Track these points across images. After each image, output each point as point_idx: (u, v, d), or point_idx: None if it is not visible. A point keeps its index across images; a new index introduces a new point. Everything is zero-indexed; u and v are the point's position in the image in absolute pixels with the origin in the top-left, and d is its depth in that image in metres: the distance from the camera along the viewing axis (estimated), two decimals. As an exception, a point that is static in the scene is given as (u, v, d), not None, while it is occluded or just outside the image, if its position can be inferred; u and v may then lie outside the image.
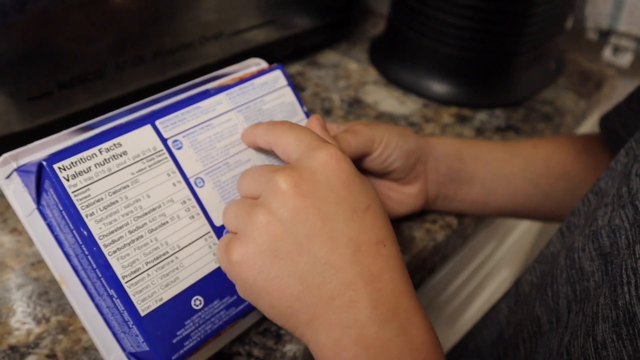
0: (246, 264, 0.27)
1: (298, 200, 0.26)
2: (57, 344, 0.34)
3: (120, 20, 0.43)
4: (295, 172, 0.27)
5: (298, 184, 0.27)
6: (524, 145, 0.47)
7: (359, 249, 0.26)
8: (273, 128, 0.31)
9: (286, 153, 0.30)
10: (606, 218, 0.31)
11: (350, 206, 0.27)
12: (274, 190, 0.27)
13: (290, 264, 0.26)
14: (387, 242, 0.27)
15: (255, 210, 0.27)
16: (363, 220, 0.27)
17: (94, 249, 0.28)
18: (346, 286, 0.26)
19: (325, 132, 0.33)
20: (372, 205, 0.28)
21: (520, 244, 0.84)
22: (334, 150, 0.28)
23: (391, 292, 0.26)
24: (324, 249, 0.26)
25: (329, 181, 0.27)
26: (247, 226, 0.27)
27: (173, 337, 0.29)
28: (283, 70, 0.38)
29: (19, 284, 0.38)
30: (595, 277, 0.30)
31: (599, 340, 0.26)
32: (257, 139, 0.33)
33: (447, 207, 0.45)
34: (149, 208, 0.30)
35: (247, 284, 0.27)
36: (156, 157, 0.31)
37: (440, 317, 0.68)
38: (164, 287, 0.29)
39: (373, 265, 0.26)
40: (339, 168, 0.28)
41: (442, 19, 0.57)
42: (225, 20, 0.51)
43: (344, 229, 0.27)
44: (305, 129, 0.30)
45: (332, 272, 0.26)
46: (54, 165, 0.28)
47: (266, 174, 0.28)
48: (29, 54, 0.40)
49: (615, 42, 0.74)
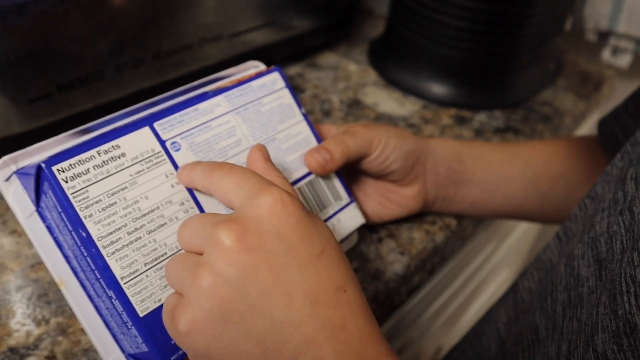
0: (195, 334, 0.24)
1: (245, 256, 0.24)
2: (57, 346, 0.34)
3: (119, 22, 0.43)
4: (238, 224, 0.25)
5: (243, 237, 0.24)
6: (524, 147, 0.47)
7: (318, 300, 0.24)
8: (209, 172, 0.29)
9: (227, 200, 0.27)
10: (604, 224, 0.30)
11: (303, 254, 0.25)
12: (218, 247, 0.24)
13: (245, 328, 0.24)
14: (347, 286, 0.25)
15: (199, 271, 0.24)
16: (318, 267, 0.25)
17: (93, 250, 0.28)
18: (308, 343, 0.24)
19: (269, 165, 0.30)
20: (327, 248, 0.26)
21: (519, 246, 0.84)
22: (279, 193, 0.25)
23: (357, 341, 0.24)
24: (279, 306, 0.24)
25: (277, 229, 0.25)
26: (191, 289, 0.24)
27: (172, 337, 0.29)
28: (281, 72, 0.38)
29: (19, 286, 0.38)
30: (589, 283, 0.30)
31: (599, 351, 0.25)
32: (194, 182, 0.30)
33: (446, 209, 0.45)
34: (147, 209, 0.30)
35: (199, 354, 0.25)
36: (154, 159, 0.31)
37: (439, 319, 0.68)
38: (163, 288, 0.30)
39: (335, 316, 0.24)
40: (286, 213, 0.25)
41: (442, 20, 0.57)
42: (224, 22, 0.51)
43: (299, 280, 0.24)
44: (246, 172, 0.27)
45: (292, 330, 0.24)
46: (52, 167, 0.28)
47: (207, 227, 0.25)
48: (29, 56, 0.40)
49: (615, 43, 0.74)
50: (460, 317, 0.77)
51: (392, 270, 0.42)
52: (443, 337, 0.73)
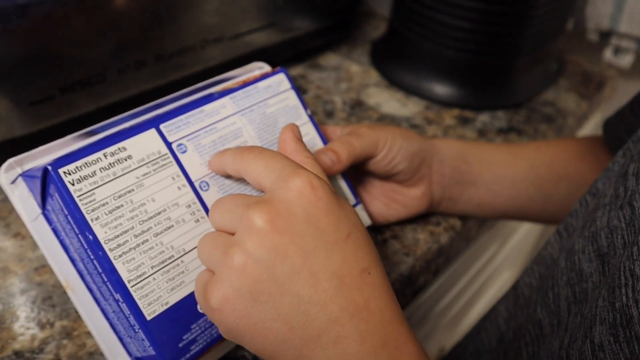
0: (226, 310, 0.25)
1: (275, 237, 0.25)
2: (62, 349, 0.34)
3: (121, 24, 0.43)
4: (270, 206, 0.26)
5: (274, 219, 0.25)
6: (528, 148, 0.47)
7: (343, 282, 0.25)
8: (241, 156, 0.29)
9: (257, 183, 0.28)
10: (604, 219, 0.31)
11: (331, 237, 0.26)
12: (249, 228, 0.25)
13: (273, 307, 0.25)
14: (372, 269, 0.26)
15: (230, 250, 0.25)
16: (345, 250, 0.26)
17: (100, 253, 0.28)
18: (332, 322, 0.25)
19: (300, 145, 0.31)
20: (354, 232, 0.26)
21: (522, 247, 0.84)
22: (309, 176, 0.26)
23: (379, 322, 0.25)
24: (306, 287, 0.25)
25: (307, 212, 0.26)
26: (223, 268, 0.26)
27: (179, 341, 0.29)
28: (286, 74, 0.38)
29: (23, 289, 0.37)
30: (593, 278, 0.30)
31: (596, 343, 0.26)
32: (225, 167, 0.31)
33: (451, 209, 0.45)
34: (154, 212, 0.30)
35: (229, 330, 0.26)
36: (161, 161, 0.31)
37: (443, 319, 0.68)
38: (170, 291, 0.29)
39: (358, 297, 0.25)
40: (316, 197, 0.26)
41: (444, 20, 0.57)
42: (226, 23, 0.51)
43: (326, 262, 0.25)
44: (276, 155, 0.28)
45: (317, 310, 0.25)
46: (59, 170, 0.28)
47: (239, 208, 0.26)
48: (31, 59, 0.40)
49: (616, 43, 0.74)
50: (463, 318, 0.76)
51: (397, 271, 0.42)
52: (446, 337, 0.73)
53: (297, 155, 0.30)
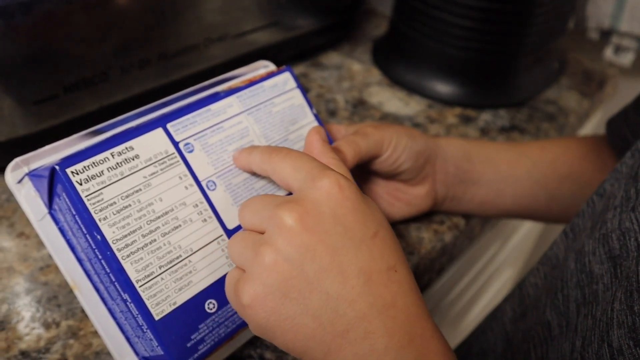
0: (257, 307, 0.26)
1: (305, 236, 0.26)
2: (68, 349, 0.34)
3: (125, 23, 0.43)
4: (299, 205, 0.26)
5: (303, 218, 0.26)
6: (531, 147, 0.47)
7: (370, 279, 0.26)
8: (269, 156, 0.30)
9: (285, 183, 0.29)
10: (616, 221, 0.31)
11: (358, 235, 0.26)
12: (279, 227, 0.26)
13: (302, 303, 0.26)
14: (398, 267, 0.27)
15: (261, 249, 0.26)
16: (372, 248, 0.26)
17: (108, 253, 0.28)
18: (360, 318, 0.25)
19: (327, 147, 0.32)
20: (380, 231, 0.27)
21: (523, 245, 0.84)
22: (336, 177, 0.27)
23: (406, 318, 0.26)
24: (335, 284, 0.25)
25: (335, 212, 0.26)
26: (254, 266, 0.26)
27: (187, 340, 0.29)
28: (292, 73, 0.38)
29: (28, 289, 0.37)
30: (604, 280, 0.30)
31: (614, 347, 0.26)
32: (252, 166, 0.31)
33: (455, 208, 0.45)
34: (161, 212, 0.30)
35: (260, 326, 0.27)
36: (168, 161, 0.31)
37: (446, 318, 0.68)
38: (178, 290, 0.29)
39: (386, 294, 0.26)
40: (343, 196, 0.26)
41: (446, 19, 0.57)
42: (229, 22, 0.51)
43: (354, 260, 0.26)
44: (303, 156, 0.29)
45: (345, 306, 0.25)
46: (66, 170, 0.28)
47: (269, 207, 0.27)
48: (35, 58, 0.39)
49: (617, 41, 0.74)
50: (466, 316, 0.77)
51: (402, 270, 0.42)
52: (449, 336, 0.73)
53: (323, 157, 0.31)
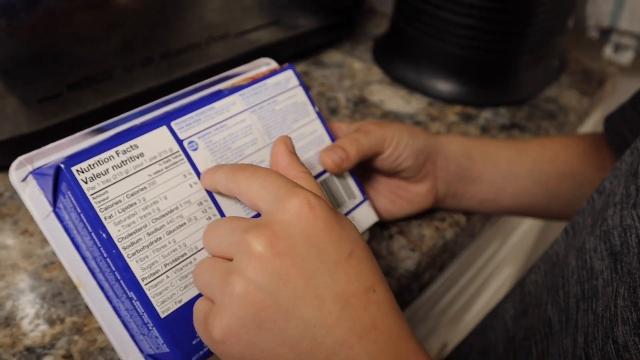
0: (230, 341, 0.24)
1: (276, 262, 0.24)
2: (73, 345, 0.34)
3: (128, 22, 0.43)
4: (267, 230, 0.25)
5: (273, 243, 0.24)
6: (532, 145, 0.47)
7: (348, 302, 0.25)
8: (234, 175, 0.28)
9: (252, 203, 0.27)
10: (616, 218, 0.31)
11: (333, 256, 0.25)
12: (248, 254, 0.24)
13: (278, 333, 0.24)
14: (377, 286, 0.26)
15: (230, 278, 0.24)
16: (348, 269, 0.25)
17: (113, 251, 0.28)
18: (340, 344, 0.24)
19: (294, 159, 0.30)
20: (356, 250, 0.26)
21: (523, 243, 0.84)
22: (305, 195, 0.25)
23: (388, 340, 0.25)
24: (311, 310, 0.24)
25: (306, 233, 0.25)
26: (224, 296, 0.24)
27: (193, 338, 0.29)
28: (294, 70, 0.38)
29: (32, 286, 0.38)
30: (604, 276, 0.30)
31: (620, 343, 0.26)
32: (217, 187, 0.30)
33: (456, 206, 0.45)
34: (166, 210, 0.30)
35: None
36: (172, 159, 0.31)
37: (445, 316, 0.68)
38: (183, 288, 0.30)
39: (365, 317, 0.25)
40: (315, 216, 0.25)
41: (446, 18, 0.57)
42: (231, 20, 0.51)
43: (329, 283, 0.25)
44: (271, 173, 0.27)
45: (324, 333, 0.24)
46: (72, 168, 0.28)
47: (236, 233, 0.25)
48: (38, 56, 0.40)
49: (616, 40, 0.75)
50: (466, 313, 0.77)
51: (404, 266, 0.43)
52: (448, 333, 0.73)
53: (290, 170, 0.29)
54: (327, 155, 0.36)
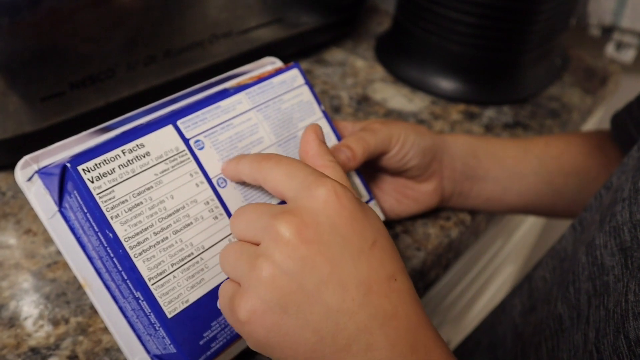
0: (255, 323, 0.25)
1: (303, 248, 0.25)
2: (78, 345, 0.34)
3: (131, 20, 0.43)
4: (295, 216, 0.25)
5: (301, 230, 0.25)
6: (537, 143, 0.47)
7: (371, 290, 0.25)
8: (259, 164, 0.29)
9: (278, 192, 0.28)
10: (626, 213, 0.31)
11: (357, 246, 0.26)
12: (276, 240, 0.25)
13: (302, 318, 0.25)
14: (398, 276, 0.26)
15: (257, 262, 0.25)
16: (371, 258, 0.26)
17: (120, 251, 0.28)
18: (361, 331, 0.25)
19: (324, 148, 0.30)
20: (379, 239, 0.26)
21: (525, 240, 0.84)
22: (333, 185, 0.26)
23: (408, 328, 0.25)
24: (335, 297, 0.25)
25: (333, 221, 0.25)
26: (250, 280, 0.25)
27: (200, 338, 0.29)
28: (300, 69, 0.38)
29: (36, 286, 0.37)
30: (615, 271, 0.30)
31: (631, 338, 0.26)
32: (241, 176, 0.30)
33: (462, 204, 0.45)
34: (173, 209, 0.30)
35: (258, 342, 0.26)
36: (179, 158, 0.31)
37: (451, 312, 0.68)
38: (190, 288, 0.29)
39: (386, 304, 0.25)
40: (340, 205, 0.26)
41: (449, 16, 0.57)
42: (234, 18, 0.51)
43: (353, 271, 0.25)
44: (295, 162, 0.28)
45: (346, 319, 0.25)
46: (78, 167, 0.28)
47: (264, 218, 0.26)
48: (41, 54, 0.39)
49: (618, 38, 0.74)
50: (469, 310, 0.77)
51: (409, 265, 0.42)
52: (450, 332, 0.73)
53: (319, 159, 0.30)
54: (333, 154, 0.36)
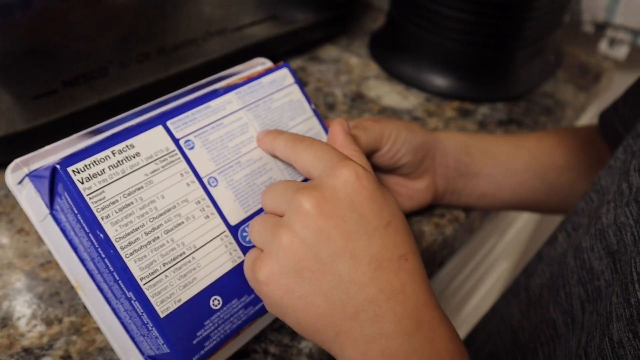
0: (272, 284, 0.27)
1: (321, 220, 0.27)
2: (72, 345, 0.34)
3: (124, 18, 0.43)
4: (317, 191, 0.27)
5: (320, 204, 0.27)
6: (529, 139, 0.47)
7: (381, 266, 0.27)
8: (293, 144, 0.31)
9: (306, 170, 0.30)
10: (610, 216, 0.31)
11: (372, 224, 0.27)
12: (297, 211, 0.27)
13: (315, 284, 0.27)
14: (409, 256, 0.28)
15: (279, 230, 0.27)
16: (385, 237, 0.27)
17: (111, 251, 0.28)
18: (369, 302, 0.26)
19: (349, 139, 0.33)
20: (394, 221, 0.28)
21: (519, 238, 0.84)
22: (355, 167, 0.28)
23: (414, 305, 0.26)
24: (347, 268, 0.26)
25: (351, 199, 0.27)
26: (271, 246, 0.27)
27: (193, 338, 0.29)
28: (290, 69, 0.38)
29: (29, 286, 0.37)
30: (605, 276, 0.30)
31: (615, 340, 0.26)
32: (276, 151, 0.33)
33: (455, 201, 0.45)
34: (164, 209, 0.30)
35: (273, 302, 0.28)
36: (169, 158, 0.31)
37: (445, 310, 0.68)
38: (182, 287, 0.29)
39: (395, 281, 0.27)
40: (361, 185, 0.28)
41: (443, 12, 0.57)
42: (228, 15, 0.50)
43: (366, 246, 0.27)
44: (325, 146, 0.30)
45: (356, 289, 0.26)
46: (67, 169, 0.28)
47: (289, 192, 0.28)
48: (34, 53, 0.39)
49: (612, 34, 0.74)
50: (462, 309, 0.77)
51: (402, 264, 0.42)
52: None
53: (345, 148, 0.32)
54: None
